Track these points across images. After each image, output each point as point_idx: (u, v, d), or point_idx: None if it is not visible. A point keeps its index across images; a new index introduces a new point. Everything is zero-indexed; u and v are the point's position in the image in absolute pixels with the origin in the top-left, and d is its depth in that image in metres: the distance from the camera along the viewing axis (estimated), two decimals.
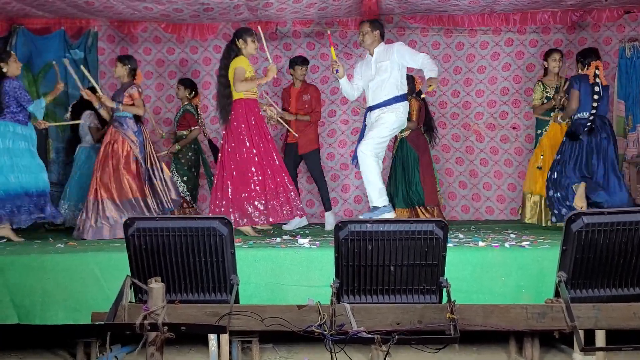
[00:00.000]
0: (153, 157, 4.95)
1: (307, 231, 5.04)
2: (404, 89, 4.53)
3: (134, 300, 2.24)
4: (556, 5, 5.97)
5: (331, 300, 2.18)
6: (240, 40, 4.72)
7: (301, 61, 5.87)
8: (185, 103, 6.08)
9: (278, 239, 4.04)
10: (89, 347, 3.97)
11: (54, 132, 6.57)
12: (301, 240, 3.70)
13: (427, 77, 4.38)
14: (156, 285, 2.09)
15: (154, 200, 4.83)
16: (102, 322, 2.07)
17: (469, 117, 6.63)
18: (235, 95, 4.67)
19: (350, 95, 4.82)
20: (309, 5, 5.89)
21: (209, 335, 3.09)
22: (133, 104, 4.96)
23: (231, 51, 4.75)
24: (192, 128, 5.99)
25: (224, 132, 4.83)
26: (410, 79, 5.16)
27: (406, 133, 5.50)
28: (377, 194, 4.39)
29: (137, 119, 5.06)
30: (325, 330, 2.08)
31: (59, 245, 4.01)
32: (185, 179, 5.94)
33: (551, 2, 5.83)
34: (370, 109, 4.55)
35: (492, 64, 6.60)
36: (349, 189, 6.74)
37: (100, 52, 6.87)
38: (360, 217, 4.53)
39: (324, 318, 2.12)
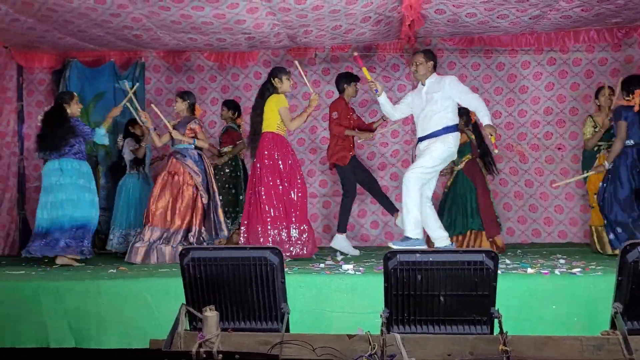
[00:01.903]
0: (213, 187, 5.08)
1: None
2: (454, 120, 4.43)
3: (188, 328, 2.30)
4: (600, 23, 5.89)
5: (381, 330, 2.18)
6: (276, 79, 4.87)
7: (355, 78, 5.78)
8: (230, 122, 6.23)
9: (322, 265, 4.06)
10: None
11: (103, 158, 6.84)
12: (345, 266, 3.72)
13: (483, 124, 4.32)
14: (211, 314, 2.15)
15: (205, 231, 4.96)
16: (160, 349, 2.13)
17: (511, 138, 6.57)
18: (266, 129, 4.80)
19: (391, 114, 4.81)
20: (347, 31, 5.98)
21: None
22: (195, 137, 5.14)
23: (266, 90, 4.90)
24: (237, 142, 6.10)
25: (251, 164, 4.97)
26: (465, 111, 5.12)
27: (461, 165, 5.47)
28: (413, 225, 4.30)
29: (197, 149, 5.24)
30: None
31: (112, 270, 4.14)
32: (221, 197, 6.02)
33: (595, 20, 5.76)
34: (420, 139, 4.48)
35: (534, 84, 6.53)
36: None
37: (147, 82, 7.15)
38: (390, 244, 4.47)
39: (374, 348, 2.13)
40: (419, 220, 4.34)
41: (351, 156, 5.39)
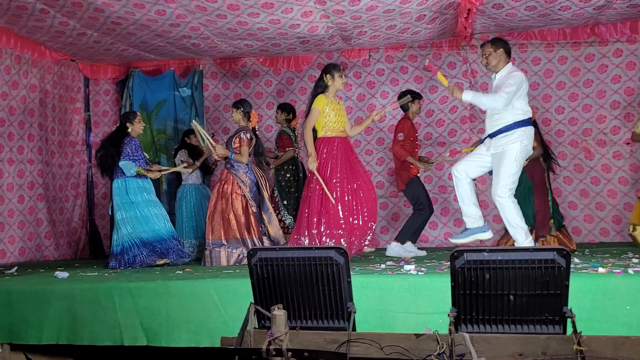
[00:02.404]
0: (264, 196, 5.12)
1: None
2: (526, 113, 4.16)
3: (257, 326, 2.35)
4: None
5: (449, 329, 2.16)
6: (328, 75, 4.77)
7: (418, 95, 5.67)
8: (284, 126, 6.28)
9: (383, 265, 4.05)
10: None
11: (165, 165, 7.07)
12: (407, 267, 3.69)
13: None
14: (279, 313, 2.19)
15: (259, 238, 5.00)
16: (231, 347, 2.19)
17: (575, 134, 6.34)
18: (319, 133, 4.78)
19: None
20: (402, 31, 5.95)
21: None
22: (239, 150, 5.16)
23: (318, 87, 4.83)
24: (287, 149, 6.13)
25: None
26: None
27: (524, 163, 5.31)
28: (523, 237, 4.11)
29: (258, 162, 5.31)
30: None
31: (178, 272, 4.29)
32: (285, 202, 6.10)
33: None
34: (490, 135, 4.23)
35: (599, 77, 6.28)
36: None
37: (205, 89, 7.34)
38: (453, 240, 4.42)
39: (442, 347, 2.12)
40: (527, 230, 4.17)
41: (413, 177, 5.36)
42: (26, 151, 6.47)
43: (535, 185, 5.24)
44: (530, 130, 4.17)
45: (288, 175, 6.18)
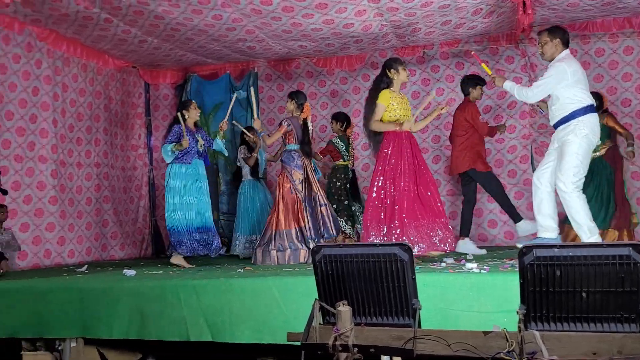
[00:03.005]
0: (316, 188, 5.14)
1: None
2: (585, 101, 4.02)
3: (321, 322, 2.37)
4: None
5: (518, 327, 2.11)
6: (392, 70, 4.72)
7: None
8: (339, 135, 6.32)
9: (443, 264, 4.01)
10: None
11: (223, 166, 7.24)
12: (469, 265, 3.63)
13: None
14: (344, 309, 2.20)
15: (312, 229, 5.00)
16: (298, 342, 2.23)
17: None
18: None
19: (526, 97, 4.43)
20: (458, 26, 5.85)
21: (382, 358, 3.14)
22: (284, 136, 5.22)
23: (381, 82, 4.76)
24: (333, 163, 6.25)
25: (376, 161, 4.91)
26: (597, 95, 4.80)
27: (602, 151, 5.16)
28: (587, 234, 3.96)
29: (305, 152, 5.27)
30: (515, 358, 2.03)
31: (239, 270, 4.38)
32: (335, 207, 6.06)
33: None
34: (554, 126, 4.17)
35: None
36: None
37: (259, 91, 7.46)
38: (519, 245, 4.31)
39: (512, 345, 2.07)
40: (594, 227, 4.02)
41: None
42: (93, 155, 6.78)
43: (617, 175, 5.09)
44: (589, 118, 4.01)
45: (339, 183, 6.29)
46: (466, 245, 5.12)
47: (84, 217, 6.54)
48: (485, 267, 3.59)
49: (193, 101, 5.46)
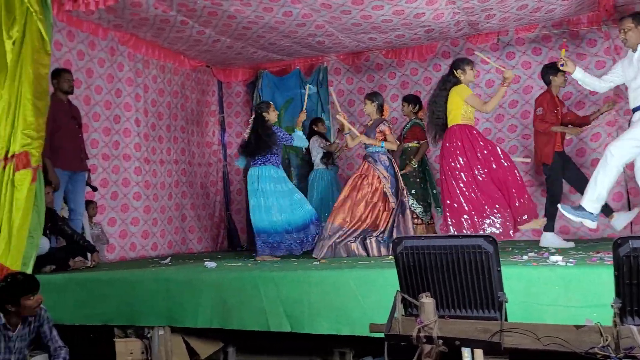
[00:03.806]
0: (402, 192, 5.03)
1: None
2: None
3: (403, 314, 2.36)
4: None
5: (614, 321, 2.02)
6: (459, 70, 4.71)
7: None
8: (414, 117, 6.18)
9: (525, 257, 3.88)
10: (344, 357, 4.30)
11: (294, 160, 7.34)
12: (554, 258, 3.49)
13: None
14: (427, 300, 2.19)
15: (388, 232, 4.89)
16: (381, 333, 2.23)
17: None
18: (452, 122, 4.68)
19: (597, 87, 4.37)
20: (535, 10, 5.63)
21: (463, 352, 3.09)
22: (384, 139, 5.12)
23: (447, 82, 4.76)
24: (421, 142, 6.01)
25: (441, 157, 4.83)
26: None
27: None
28: (593, 198, 4.01)
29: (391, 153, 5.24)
30: (611, 353, 1.94)
31: (315, 262, 4.44)
32: (412, 191, 6.00)
33: None
34: (634, 110, 4.08)
35: None
36: None
37: (329, 85, 7.49)
38: (559, 207, 4.33)
39: (607, 340, 1.98)
40: (603, 197, 4.03)
41: (556, 152, 5.01)
42: (172, 152, 7.08)
43: None
44: None
45: (416, 166, 6.10)
46: (550, 239, 4.92)
47: (166, 211, 6.85)
48: (571, 260, 3.45)
49: (271, 103, 5.50)
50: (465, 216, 4.50)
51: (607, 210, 4.92)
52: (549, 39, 6.33)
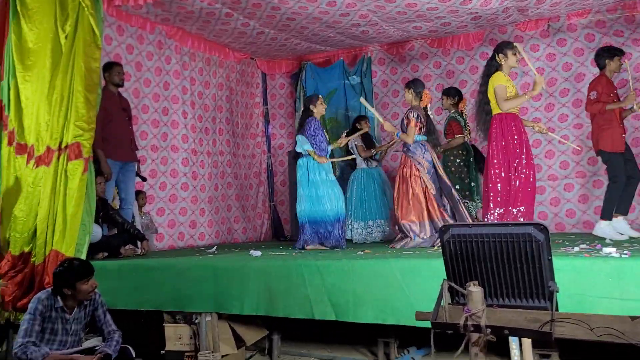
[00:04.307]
0: (443, 177, 4.96)
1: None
2: None
3: (450, 303, 2.33)
4: None
5: None
6: (500, 54, 4.57)
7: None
8: (452, 111, 6.08)
9: (576, 248, 3.76)
10: (388, 347, 4.30)
11: (338, 152, 7.34)
12: (607, 249, 3.38)
13: None
14: (475, 289, 2.15)
15: (442, 221, 4.80)
16: (427, 321, 2.21)
17: None
18: (494, 111, 4.57)
19: None
20: None
21: (511, 343, 3.03)
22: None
23: (491, 67, 4.64)
24: (457, 136, 5.92)
25: (488, 146, 4.71)
26: None
27: None
28: None
29: (432, 141, 5.13)
30: None
31: (359, 252, 4.44)
32: (457, 187, 5.88)
33: None
34: None
35: None
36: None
37: (373, 75, 7.44)
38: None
39: None
40: None
41: (620, 137, 4.81)
42: (218, 144, 7.20)
43: None
44: None
45: (458, 160, 5.98)
46: (605, 229, 4.75)
47: (213, 202, 6.99)
48: (626, 251, 3.32)
49: (320, 96, 5.47)
50: (500, 206, 4.40)
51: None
52: (603, 24, 6.09)
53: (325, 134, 5.42)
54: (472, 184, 5.99)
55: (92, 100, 4.39)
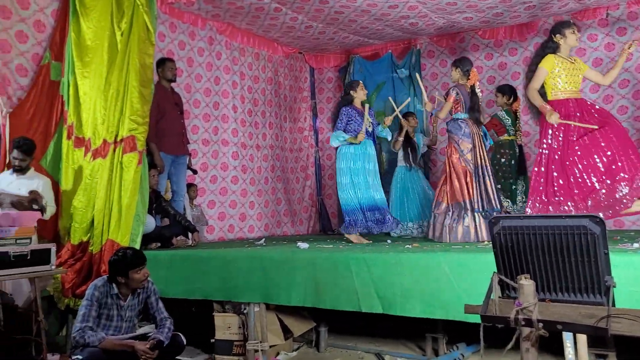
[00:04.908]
0: (483, 159, 4.84)
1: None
2: None
3: (500, 296, 2.28)
4: None
5: None
6: (558, 35, 4.29)
7: None
8: (504, 109, 5.88)
9: (635, 244, 3.60)
10: (437, 342, 4.24)
11: (386, 146, 7.29)
12: None
13: None
14: (526, 282, 2.09)
15: (480, 202, 4.72)
16: (477, 315, 2.17)
17: None
18: (548, 96, 4.32)
19: None
20: None
21: (565, 341, 2.94)
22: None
23: (546, 48, 4.37)
24: (499, 137, 5.78)
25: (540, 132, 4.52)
26: None
27: None
28: None
29: (474, 120, 4.95)
30: None
31: (407, 245, 4.40)
32: (499, 186, 5.67)
33: None
34: None
35: None
36: None
37: (422, 68, 7.33)
38: None
39: None
40: None
41: None
42: (267, 138, 7.29)
43: None
44: None
45: (503, 159, 5.82)
46: None
47: (262, 195, 7.09)
48: None
49: (360, 81, 5.42)
50: (544, 198, 4.22)
51: None
52: None
53: (366, 118, 5.25)
54: (513, 186, 5.81)
55: (146, 95, 4.53)
